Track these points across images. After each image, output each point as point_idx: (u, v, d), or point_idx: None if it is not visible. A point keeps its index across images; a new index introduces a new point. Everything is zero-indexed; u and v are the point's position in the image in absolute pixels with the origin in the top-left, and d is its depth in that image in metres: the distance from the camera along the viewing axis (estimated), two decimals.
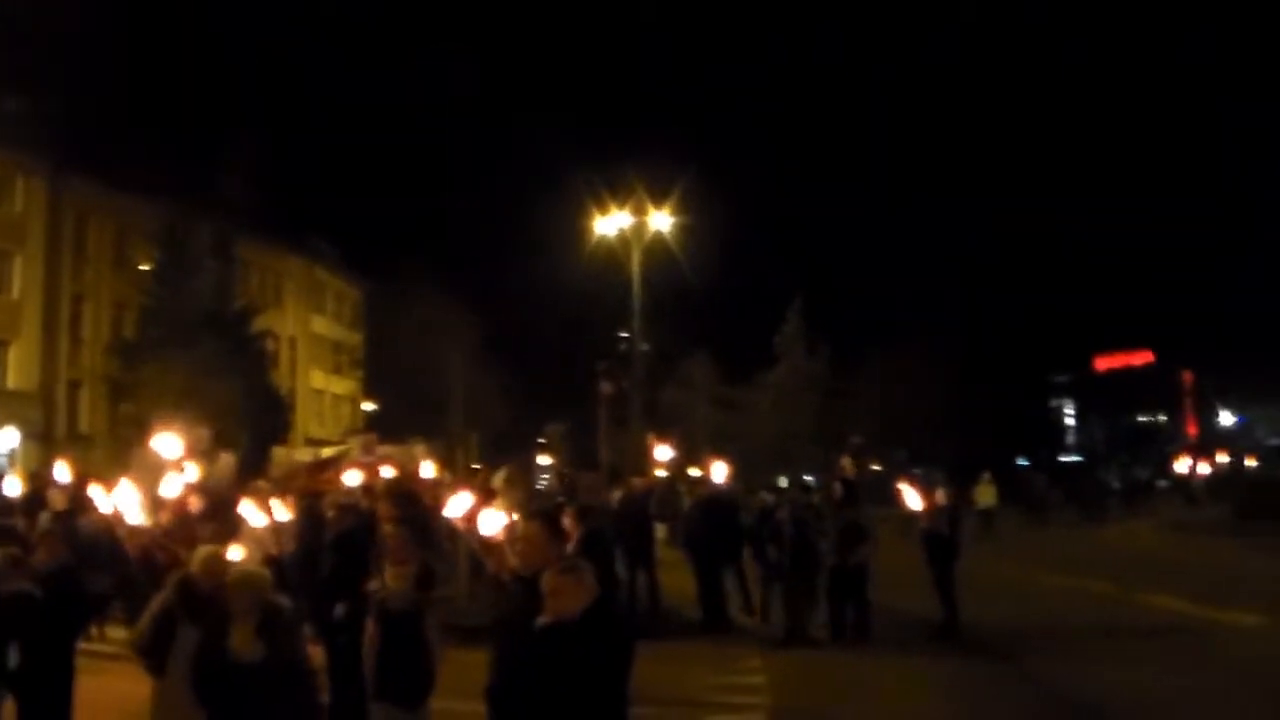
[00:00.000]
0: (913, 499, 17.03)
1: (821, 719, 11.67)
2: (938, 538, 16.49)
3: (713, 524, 17.97)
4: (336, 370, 68.68)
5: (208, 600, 7.33)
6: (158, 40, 75.70)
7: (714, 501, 18.72)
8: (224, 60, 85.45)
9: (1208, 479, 64.84)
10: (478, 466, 24.55)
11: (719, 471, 18.73)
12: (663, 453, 24.22)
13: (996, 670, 14.17)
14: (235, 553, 8.83)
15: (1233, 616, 17.28)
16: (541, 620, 4.71)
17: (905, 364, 68.81)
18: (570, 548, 10.73)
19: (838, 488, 17.52)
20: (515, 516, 7.96)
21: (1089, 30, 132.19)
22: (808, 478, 39.64)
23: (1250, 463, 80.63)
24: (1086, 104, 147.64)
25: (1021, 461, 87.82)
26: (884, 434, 69.51)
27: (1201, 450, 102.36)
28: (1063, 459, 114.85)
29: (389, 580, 8.26)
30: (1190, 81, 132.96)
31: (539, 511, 5.77)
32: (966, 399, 73.15)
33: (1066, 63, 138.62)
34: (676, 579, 18.50)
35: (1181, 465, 75.96)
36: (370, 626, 8.18)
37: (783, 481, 24.03)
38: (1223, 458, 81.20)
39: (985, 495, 38.01)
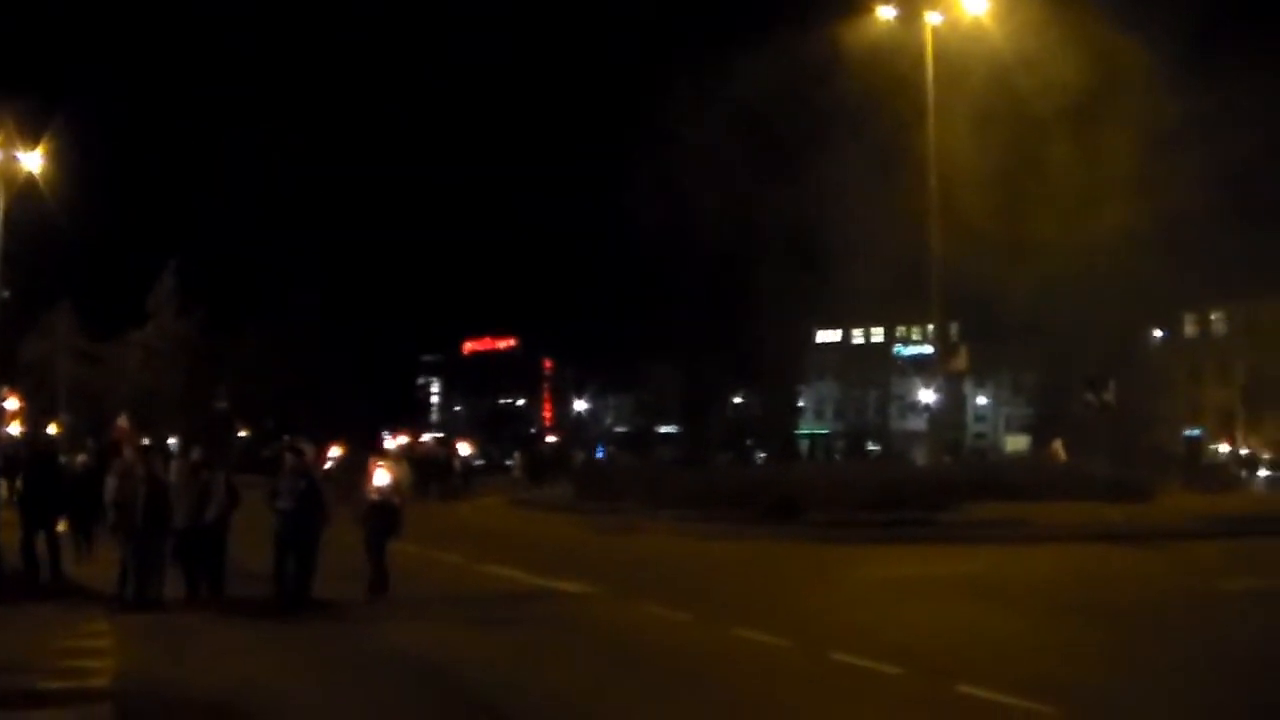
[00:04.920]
0: (382, 476, 17.50)
1: (162, 679, 11.63)
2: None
3: (40, 481, 17.63)
4: None
5: None
6: None
7: (39, 458, 18.31)
8: None
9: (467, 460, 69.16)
10: None
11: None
12: (11, 404, 23.05)
13: (340, 631, 14.71)
14: None
15: (560, 583, 18.86)
16: None
17: (277, 333, 68.46)
18: None
19: (197, 451, 17.53)
20: None
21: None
22: (170, 440, 38.46)
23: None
24: (473, 88, 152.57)
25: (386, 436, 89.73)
26: (253, 400, 68.83)
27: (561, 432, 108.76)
28: (434, 435, 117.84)
29: None
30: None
31: None
32: (337, 371, 73.88)
33: (446, 47, 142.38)
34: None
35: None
36: None
37: (145, 441, 23.40)
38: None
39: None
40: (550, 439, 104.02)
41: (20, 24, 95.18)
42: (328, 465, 18.18)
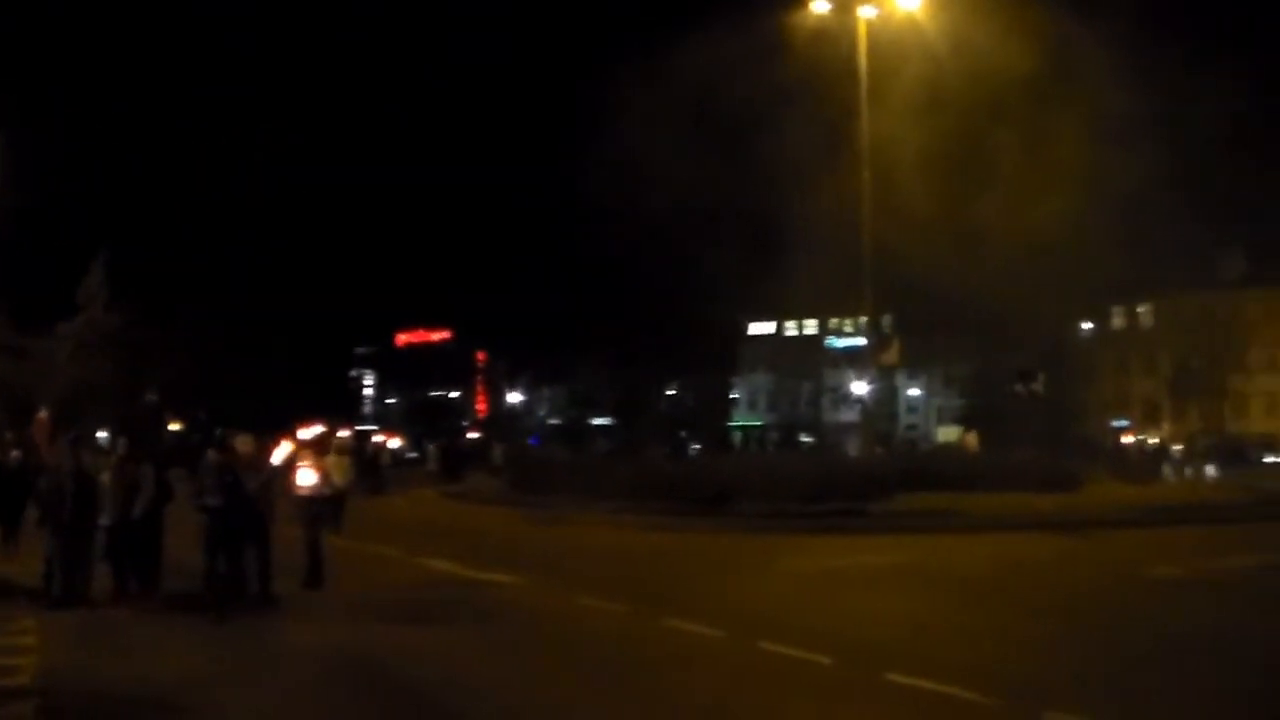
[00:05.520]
0: (307, 475, 17.40)
1: (88, 676, 11.50)
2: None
3: None
4: None
5: None
6: None
7: None
8: None
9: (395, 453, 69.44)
10: None
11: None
12: None
13: (275, 626, 14.60)
14: None
15: (495, 575, 18.87)
16: None
17: (209, 325, 67.88)
18: None
19: (122, 443, 17.31)
20: None
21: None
22: (101, 434, 37.97)
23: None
24: (411, 85, 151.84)
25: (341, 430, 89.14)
26: (185, 393, 68.16)
27: (487, 425, 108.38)
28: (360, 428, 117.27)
29: None
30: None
31: None
32: (269, 363, 73.36)
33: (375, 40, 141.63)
34: None
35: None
36: None
37: (73, 435, 23.08)
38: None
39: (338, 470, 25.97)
40: (472, 434, 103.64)
41: None
42: (276, 461, 17.86)
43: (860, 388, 53.66)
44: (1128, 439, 70.20)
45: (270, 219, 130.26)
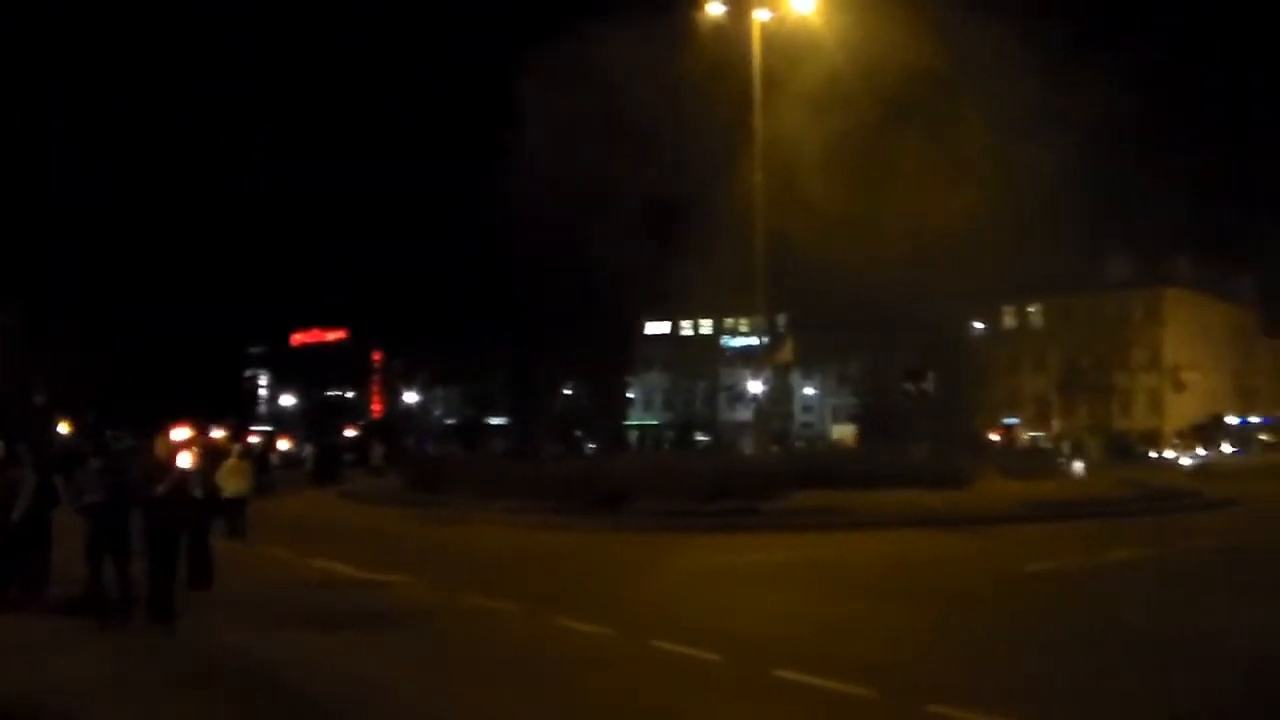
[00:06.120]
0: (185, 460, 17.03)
1: None
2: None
3: None
4: None
5: None
6: None
7: None
8: None
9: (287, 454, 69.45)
10: None
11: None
12: None
13: (168, 632, 14.29)
14: None
15: (388, 576, 18.79)
16: None
17: (99, 324, 66.70)
18: None
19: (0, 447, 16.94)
20: None
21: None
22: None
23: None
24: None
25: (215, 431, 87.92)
26: (76, 395, 66.92)
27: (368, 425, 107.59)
28: (254, 429, 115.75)
29: None
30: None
31: None
32: (161, 363, 72.16)
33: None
34: None
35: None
36: None
37: None
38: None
39: (233, 480, 24.79)
40: (349, 432, 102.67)
41: None
42: (185, 465, 17.41)
43: (755, 387, 54.04)
44: (995, 436, 71.53)
45: (161, 217, 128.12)
